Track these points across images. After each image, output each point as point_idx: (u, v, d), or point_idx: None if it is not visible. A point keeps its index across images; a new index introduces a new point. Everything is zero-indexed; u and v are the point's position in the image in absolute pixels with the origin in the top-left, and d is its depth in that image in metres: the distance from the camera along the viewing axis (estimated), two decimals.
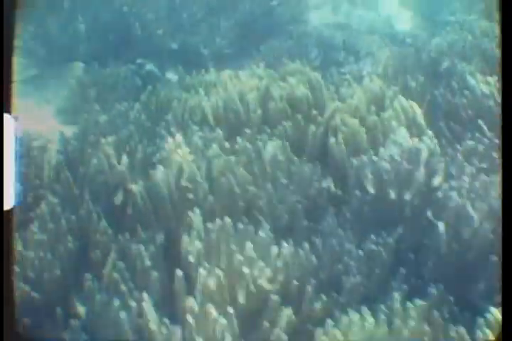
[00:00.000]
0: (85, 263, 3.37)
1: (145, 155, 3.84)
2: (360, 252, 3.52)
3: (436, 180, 3.75)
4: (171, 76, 5.62)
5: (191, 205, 3.45)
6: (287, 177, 3.75)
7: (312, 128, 4.08)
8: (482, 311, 3.40)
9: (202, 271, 3.15)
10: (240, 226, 3.31)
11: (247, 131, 4.00)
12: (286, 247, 3.36)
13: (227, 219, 3.26)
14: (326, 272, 3.44)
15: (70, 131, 4.31)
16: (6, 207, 2.54)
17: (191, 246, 3.26)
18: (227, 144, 3.89)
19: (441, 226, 3.54)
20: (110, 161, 3.72)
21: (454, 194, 3.66)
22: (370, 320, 3.14)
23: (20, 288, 3.22)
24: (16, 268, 3.29)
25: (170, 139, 3.93)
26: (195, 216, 3.32)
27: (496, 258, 3.44)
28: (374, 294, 3.46)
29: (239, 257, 3.17)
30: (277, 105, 4.21)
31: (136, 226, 3.47)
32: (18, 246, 3.34)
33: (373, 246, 3.53)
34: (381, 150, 3.87)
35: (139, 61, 5.61)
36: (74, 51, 5.58)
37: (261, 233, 3.31)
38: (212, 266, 3.19)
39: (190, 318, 3.04)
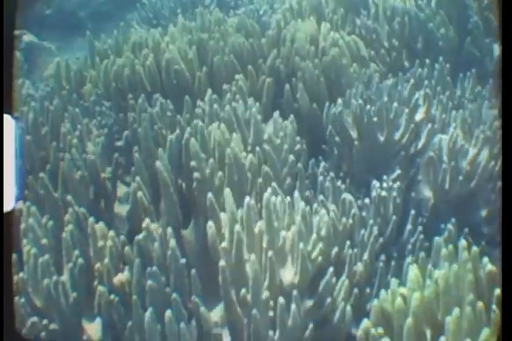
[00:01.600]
0: None
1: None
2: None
3: (418, 115, 3.64)
4: (51, 44, 4.93)
5: (201, 188, 3.06)
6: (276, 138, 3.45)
7: (266, 78, 3.79)
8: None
9: None
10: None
11: (209, 91, 3.61)
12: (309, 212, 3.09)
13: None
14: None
15: None
16: (7, 208, 2.35)
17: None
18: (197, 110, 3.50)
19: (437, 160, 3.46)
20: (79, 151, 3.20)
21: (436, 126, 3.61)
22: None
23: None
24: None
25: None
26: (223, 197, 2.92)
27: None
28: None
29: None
30: (223, 58, 3.84)
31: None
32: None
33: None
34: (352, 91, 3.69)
35: (15, 33, 4.81)
36: None
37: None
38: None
39: None
